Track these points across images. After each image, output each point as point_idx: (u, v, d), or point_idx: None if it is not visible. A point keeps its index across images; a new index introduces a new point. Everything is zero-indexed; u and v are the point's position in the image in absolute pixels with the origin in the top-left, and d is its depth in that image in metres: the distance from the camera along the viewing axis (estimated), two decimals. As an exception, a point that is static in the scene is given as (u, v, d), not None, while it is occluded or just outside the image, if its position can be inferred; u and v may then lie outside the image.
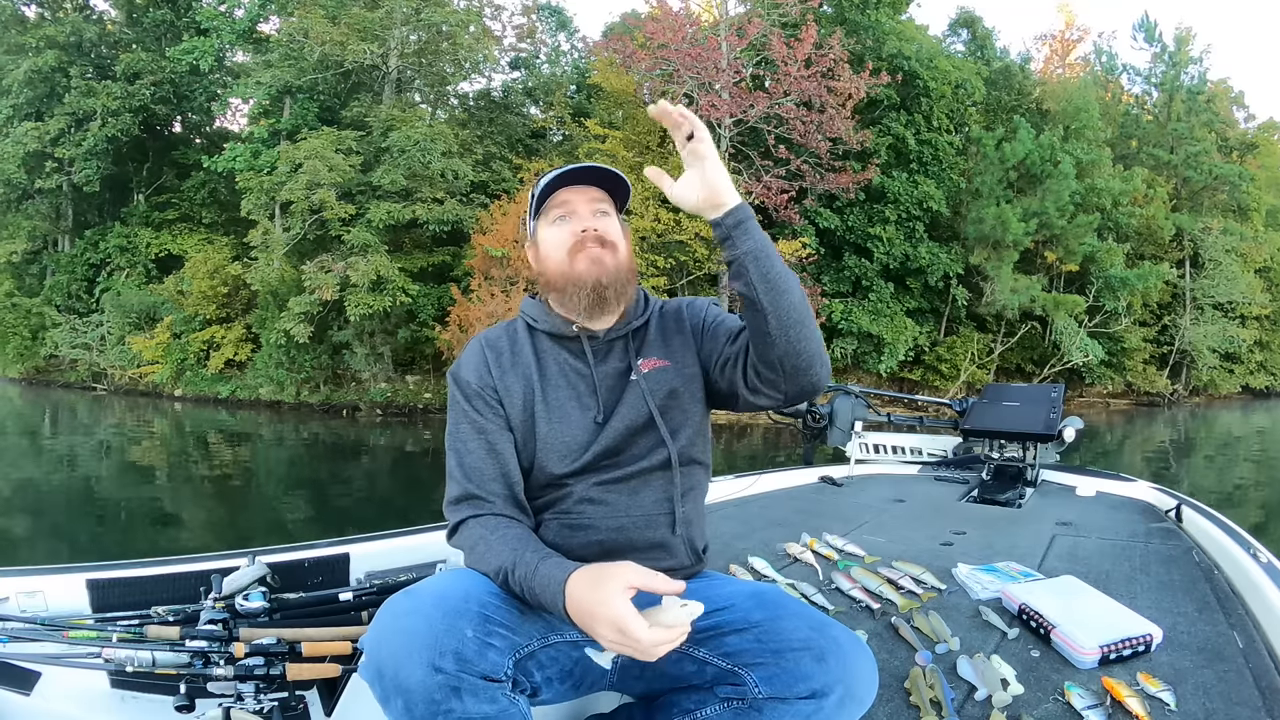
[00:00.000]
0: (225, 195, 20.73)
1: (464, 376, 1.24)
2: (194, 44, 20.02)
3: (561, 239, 1.23)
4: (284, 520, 8.06)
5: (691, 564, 1.26)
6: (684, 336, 1.29)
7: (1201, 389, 25.46)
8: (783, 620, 1.08)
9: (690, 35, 17.49)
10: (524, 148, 21.68)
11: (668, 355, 1.27)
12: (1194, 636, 1.54)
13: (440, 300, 17.52)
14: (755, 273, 1.07)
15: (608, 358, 1.26)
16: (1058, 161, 19.72)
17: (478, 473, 1.18)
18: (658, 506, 1.22)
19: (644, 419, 1.21)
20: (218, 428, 15.74)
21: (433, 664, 0.90)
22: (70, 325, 21.77)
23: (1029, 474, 3.32)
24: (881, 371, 18.94)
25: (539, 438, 1.20)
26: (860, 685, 1.03)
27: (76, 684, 1.32)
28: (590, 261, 1.21)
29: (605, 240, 1.22)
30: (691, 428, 1.25)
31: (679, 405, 1.24)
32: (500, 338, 1.29)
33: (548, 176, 1.23)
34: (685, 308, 1.33)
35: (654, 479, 1.22)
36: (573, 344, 1.26)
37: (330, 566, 1.67)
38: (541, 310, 1.29)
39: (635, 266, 1.30)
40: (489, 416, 1.21)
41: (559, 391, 1.23)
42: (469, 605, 0.97)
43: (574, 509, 1.20)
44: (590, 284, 1.20)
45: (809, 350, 1.11)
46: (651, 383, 1.23)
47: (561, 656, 1.10)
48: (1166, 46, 26.41)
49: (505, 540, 1.09)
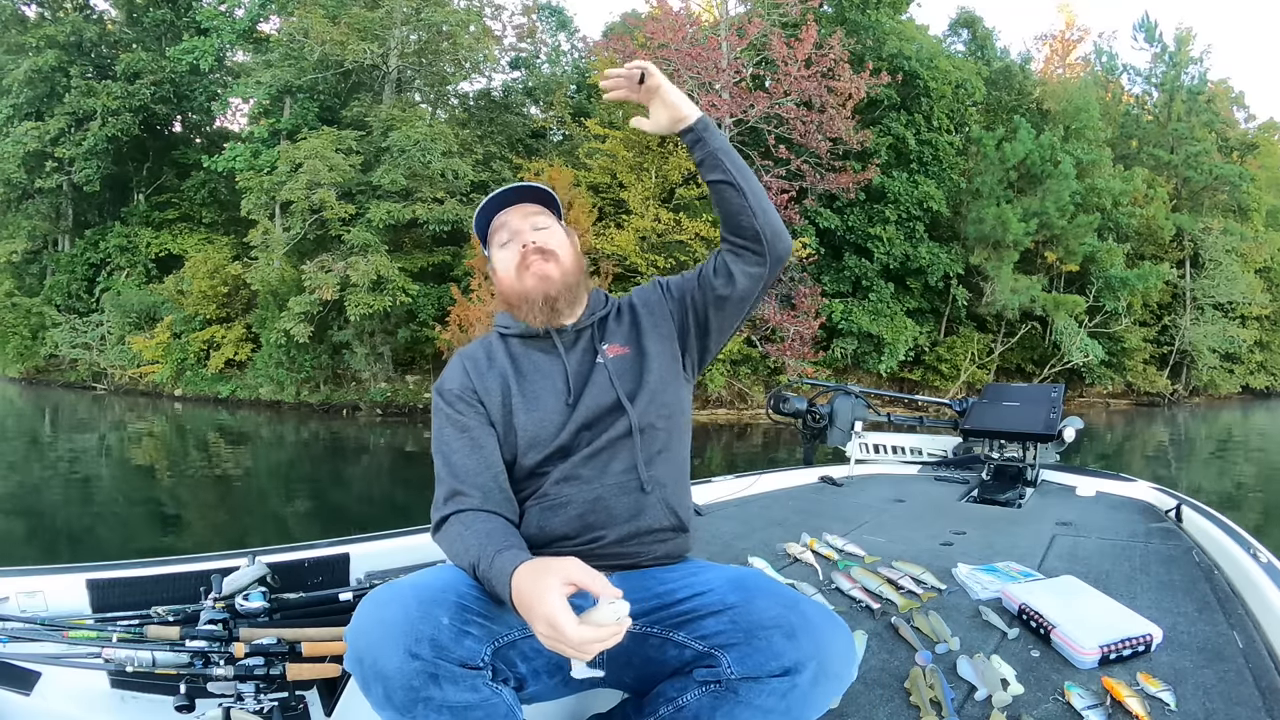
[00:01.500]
0: (225, 195, 20.74)
1: (445, 387, 1.32)
2: (194, 44, 20.03)
3: (509, 259, 1.33)
4: (284, 520, 8.07)
5: (672, 525, 1.29)
6: (645, 320, 1.38)
7: (1202, 389, 25.45)
8: (756, 600, 1.09)
9: (690, 35, 17.50)
10: (524, 147, 21.68)
11: (628, 341, 1.36)
12: (1194, 636, 1.54)
13: (440, 300, 17.52)
14: (729, 161, 1.28)
15: (575, 347, 1.35)
16: (1058, 161, 19.71)
17: (463, 469, 1.23)
18: (627, 474, 1.26)
19: (611, 399, 1.28)
20: (218, 428, 15.74)
21: (409, 650, 0.92)
22: (70, 325, 21.77)
23: (1029, 474, 3.32)
24: (882, 371, 18.93)
25: (518, 428, 1.27)
26: (834, 660, 1.03)
27: (76, 684, 1.32)
28: (537, 277, 1.31)
29: (545, 250, 1.32)
30: (647, 396, 1.30)
31: (643, 381, 1.31)
32: (477, 350, 1.38)
33: (481, 205, 1.37)
34: (636, 294, 1.44)
35: (620, 448, 1.26)
36: (543, 341, 1.34)
37: (330, 566, 1.67)
38: (508, 318, 1.38)
39: (583, 266, 1.40)
40: (470, 415, 1.28)
41: (534, 384, 1.31)
42: (446, 595, 1.00)
43: (551, 490, 1.25)
44: (540, 297, 1.30)
45: (777, 220, 1.31)
46: (616, 366, 1.32)
47: (545, 648, 1.10)
48: (1167, 47, 26.43)
49: (477, 534, 1.12)
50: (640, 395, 1.29)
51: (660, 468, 1.29)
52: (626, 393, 1.29)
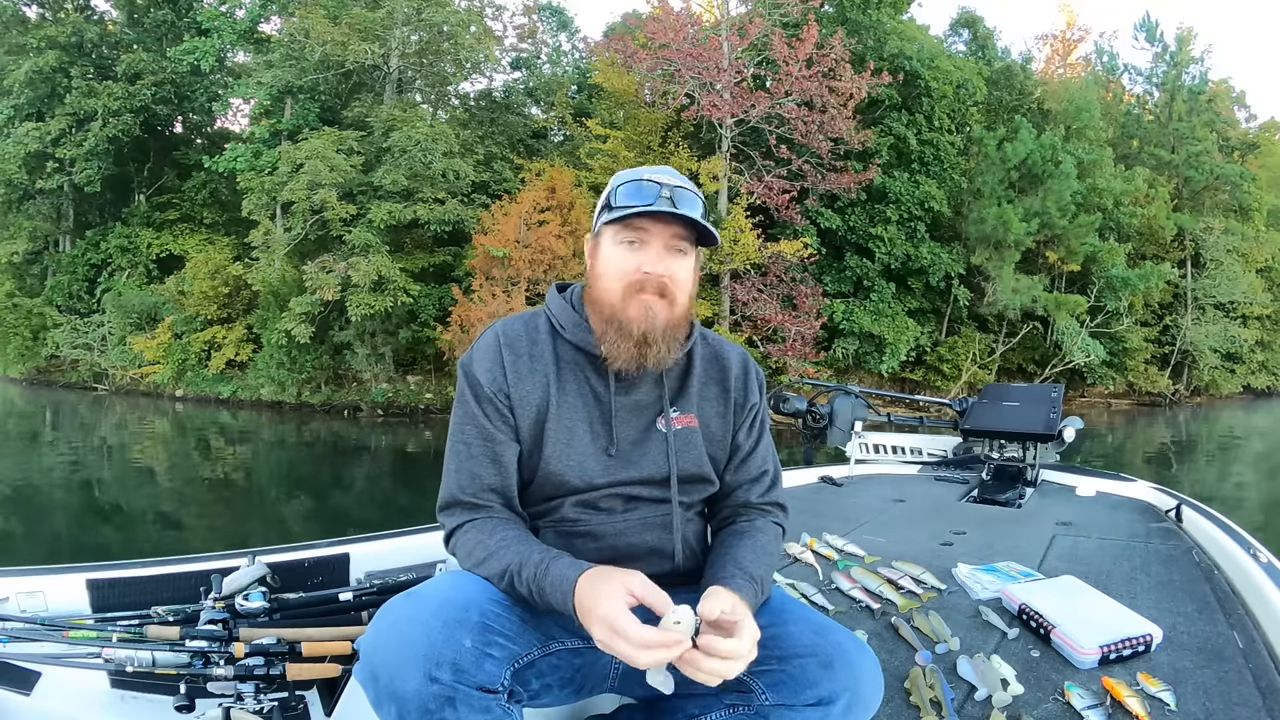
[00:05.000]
0: (226, 195, 20.74)
1: (475, 374, 1.16)
2: (195, 44, 20.04)
3: (624, 268, 1.14)
4: (284, 520, 8.07)
5: (692, 567, 1.25)
6: (725, 406, 1.25)
7: (1203, 389, 25.40)
8: (787, 625, 1.08)
9: (691, 35, 17.51)
10: (525, 148, 21.69)
11: (702, 413, 1.23)
12: (1194, 636, 1.54)
13: (442, 300, 17.53)
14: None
15: (632, 388, 1.19)
16: (1059, 161, 19.69)
17: (477, 479, 1.14)
18: (656, 519, 1.20)
19: (661, 474, 1.18)
20: (219, 428, 15.76)
21: (429, 674, 0.89)
22: (71, 325, 21.79)
23: (1029, 474, 3.32)
24: (883, 372, 18.92)
25: (544, 457, 1.15)
26: (866, 691, 1.03)
27: (76, 684, 1.32)
28: (643, 309, 1.12)
29: (666, 291, 1.13)
30: (700, 477, 1.22)
31: (698, 463, 1.21)
32: (520, 336, 1.19)
33: (629, 194, 1.13)
34: (741, 380, 1.27)
35: (654, 505, 1.20)
36: (597, 362, 1.17)
37: (330, 566, 1.67)
38: (570, 317, 1.20)
39: (693, 313, 1.21)
40: (498, 424, 1.15)
41: (573, 412, 1.16)
42: (469, 614, 0.95)
43: (570, 514, 1.17)
44: (637, 335, 1.12)
45: None
46: (680, 442, 1.19)
47: (563, 664, 1.08)
48: (1168, 46, 26.39)
49: (507, 542, 1.07)
50: (691, 475, 1.21)
51: (693, 512, 1.25)
52: (681, 473, 1.18)
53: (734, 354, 1.29)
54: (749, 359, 1.31)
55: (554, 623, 1.06)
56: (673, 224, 1.13)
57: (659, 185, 1.12)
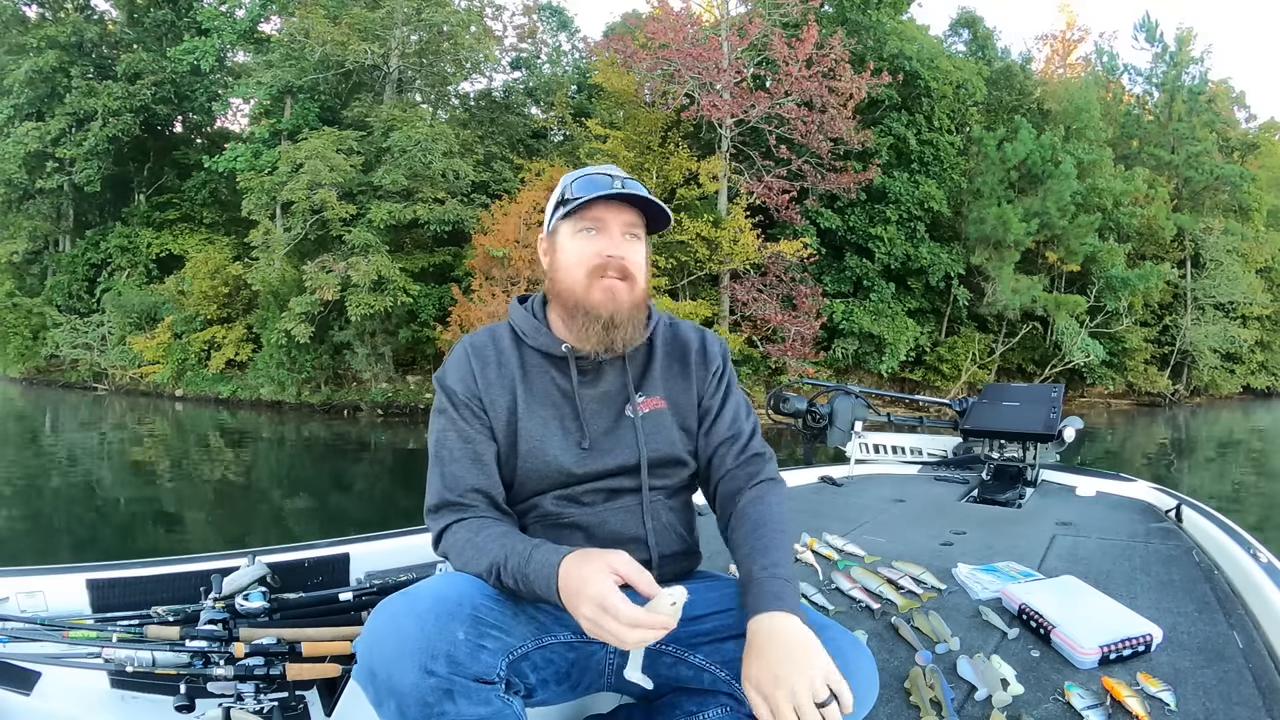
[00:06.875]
0: (226, 195, 20.76)
1: (450, 384, 1.21)
2: (195, 44, 20.05)
3: (584, 256, 1.19)
4: (284, 520, 8.07)
5: (684, 550, 1.27)
6: (688, 381, 1.28)
7: (1202, 389, 25.42)
8: None
9: (691, 35, 17.50)
10: (525, 148, 21.69)
11: (668, 393, 1.26)
12: (1194, 636, 1.54)
13: (441, 300, 17.54)
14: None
15: (597, 380, 1.23)
16: (1059, 161, 19.70)
17: (460, 481, 1.16)
18: (636, 506, 1.22)
19: (634, 461, 1.21)
20: (218, 428, 15.75)
21: (424, 667, 0.90)
22: (71, 325, 21.80)
23: (1029, 474, 3.31)
24: (883, 372, 18.93)
25: (520, 455, 1.19)
26: (861, 689, 1.03)
27: (76, 684, 1.32)
28: (607, 293, 1.18)
29: (627, 272, 1.19)
30: (671, 458, 1.25)
31: (669, 444, 1.24)
32: (486, 345, 1.24)
33: (584, 187, 1.19)
34: (700, 352, 1.31)
35: (631, 492, 1.23)
36: (560, 362, 1.23)
37: (330, 566, 1.67)
38: (531, 324, 1.25)
39: (649, 294, 1.27)
40: (475, 426, 1.19)
41: (544, 410, 1.21)
42: (462, 608, 0.96)
43: (553, 509, 1.20)
44: (604, 318, 1.17)
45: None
46: (649, 425, 1.23)
47: (557, 658, 1.09)
48: (1167, 46, 26.38)
49: (492, 537, 1.08)
50: (662, 458, 1.24)
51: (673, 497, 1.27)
52: (650, 457, 1.22)
53: (691, 330, 1.34)
54: (706, 331, 1.35)
55: (547, 615, 1.07)
56: (626, 211, 1.20)
57: (610, 177, 1.20)
